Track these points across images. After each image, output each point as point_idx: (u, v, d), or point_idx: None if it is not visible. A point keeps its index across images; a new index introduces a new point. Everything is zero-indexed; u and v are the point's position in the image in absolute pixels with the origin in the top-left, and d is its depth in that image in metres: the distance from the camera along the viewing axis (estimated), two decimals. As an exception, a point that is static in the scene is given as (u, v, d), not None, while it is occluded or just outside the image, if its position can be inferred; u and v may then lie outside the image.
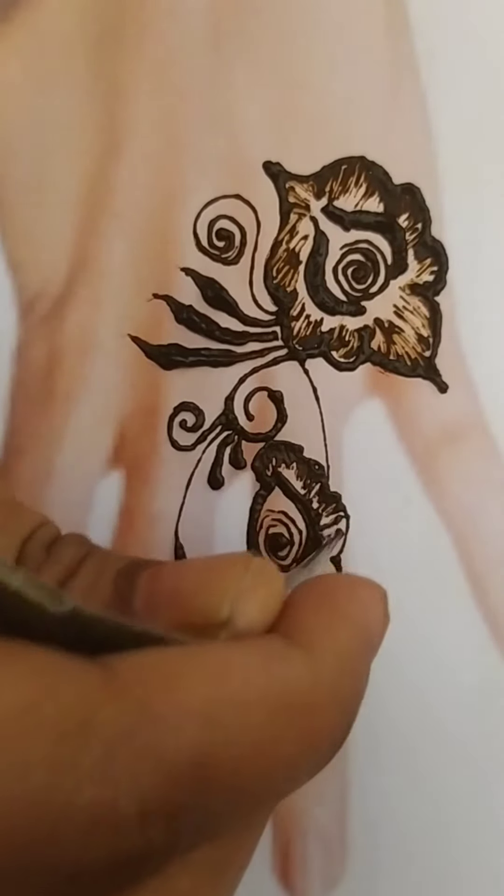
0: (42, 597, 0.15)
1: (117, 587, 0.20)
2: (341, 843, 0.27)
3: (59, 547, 0.23)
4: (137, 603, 0.20)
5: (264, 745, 0.16)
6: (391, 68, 0.27)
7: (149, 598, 0.20)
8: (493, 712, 0.26)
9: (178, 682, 0.16)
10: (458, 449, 0.27)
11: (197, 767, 0.15)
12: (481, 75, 0.27)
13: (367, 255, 0.27)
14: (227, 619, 0.19)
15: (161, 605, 0.19)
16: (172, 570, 0.20)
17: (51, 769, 0.14)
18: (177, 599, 0.19)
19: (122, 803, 0.14)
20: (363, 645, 0.19)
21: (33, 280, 0.28)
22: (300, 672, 0.18)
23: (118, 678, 0.15)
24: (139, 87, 0.27)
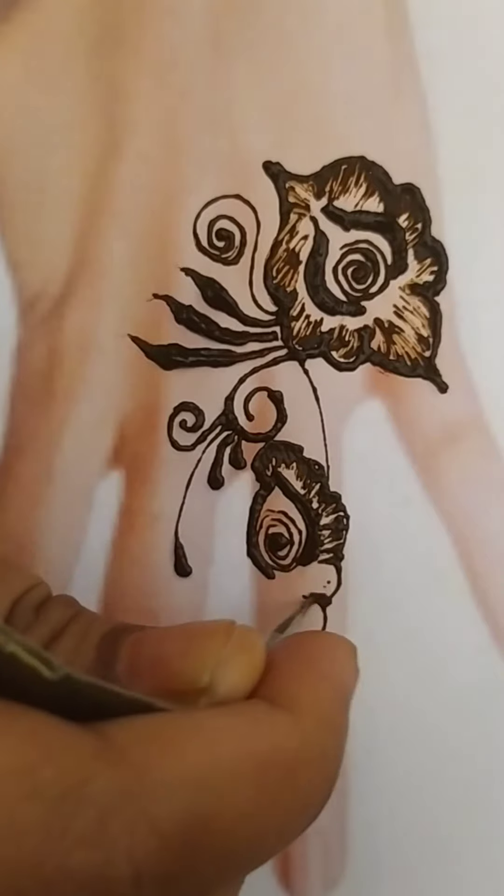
0: (36, 662, 0.15)
1: (100, 652, 0.21)
2: (341, 843, 0.27)
3: (47, 608, 0.23)
4: (120, 668, 0.20)
5: (256, 809, 0.17)
6: (391, 68, 0.27)
7: (131, 664, 0.20)
8: (492, 712, 0.26)
9: (171, 749, 0.16)
10: (458, 449, 0.27)
11: (190, 833, 0.15)
12: (481, 75, 0.27)
13: (367, 255, 0.27)
14: (207, 685, 0.19)
15: (143, 670, 0.20)
16: (155, 635, 0.20)
17: (45, 833, 0.14)
18: (158, 666, 0.19)
19: (116, 869, 0.14)
20: (341, 702, 0.20)
21: (33, 280, 0.28)
22: (287, 735, 0.18)
23: (112, 745, 0.16)
24: (139, 87, 0.27)
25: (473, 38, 0.27)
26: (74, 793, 0.14)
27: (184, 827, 0.15)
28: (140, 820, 0.15)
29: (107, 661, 0.20)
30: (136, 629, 0.21)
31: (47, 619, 0.22)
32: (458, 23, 0.27)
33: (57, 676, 0.15)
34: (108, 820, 0.15)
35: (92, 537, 0.27)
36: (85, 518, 0.27)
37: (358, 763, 0.27)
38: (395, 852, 0.27)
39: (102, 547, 0.27)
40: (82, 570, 0.27)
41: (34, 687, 0.15)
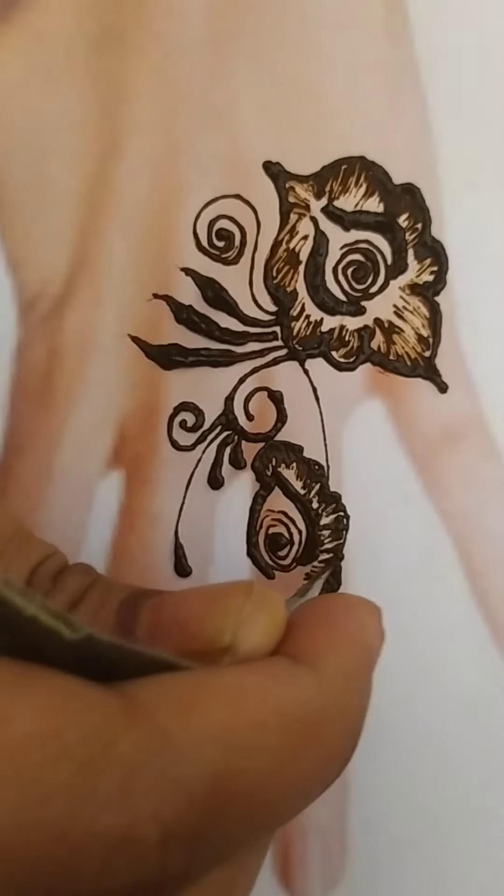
0: (57, 623, 0.15)
1: (120, 617, 0.21)
2: (341, 843, 0.27)
3: (65, 576, 0.23)
4: (140, 632, 0.20)
5: (280, 766, 0.17)
6: (391, 68, 0.27)
7: (151, 627, 0.20)
8: (492, 712, 0.26)
9: (195, 708, 0.16)
10: (458, 449, 0.27)
11: (216, 792, 0.15)
12: (481, 75, 0.27)
13: (367, 255, 0.27)
14: (229, 644, 0.19)
15: (163, 633, 0.19)
16: (174, 599, 0.20)
17: (70, 797, 0.14)
18: (179, 627, 0.19)
19: (143, 830, 0.14)
20: (364, 661, 0.20)
21: (33, 280, 0.28)
22: (310, 691, 0.18)
23: (137, 705, 0.15)
24: (139, 87, 0.27)
25: (473, 38, 0.27)
26: (100, 755, 0.14)
27: (209, 786, 0.15)
28: (165, 780, 0.15)
29: (127, 625, 0.20)
30: (155, 594, 0.21)
31: (65, 587, 0.22)
32: (458, 23, 0.27)
33: (78, 637, 0.15)
34: (134, 781, 0.14)
35: (92, 537, 0.27)
36: (85, 518, 0.27)
37: (358, 763, 0.27)
38: (395, 852, 0.27)
39: (102, 547, 0.27)
40: (82, 570, 0.27)
41: (56, 649, 0.15)
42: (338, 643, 0.20)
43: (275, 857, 0.27)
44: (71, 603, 0.22)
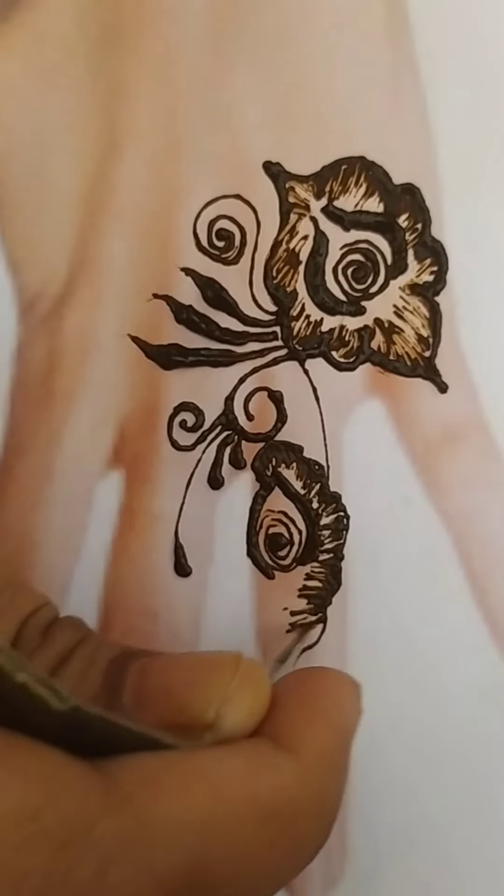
0: (46, 693, 0.15)
1: (107, 678, 0.20)
2: (341, 843, 0.27)
3: (54, 630, 0.22)
4: (126, 696, 0.20)
5: (256, 854, 0.17)
6: (391, 68, 0.27)
7: (137, 693, 0.20)
8: (492, 712, 0.26)
9: (175, 794, 0.16)
10: (458, 449, 0.27)
11: (191, 881, 0.15)
12: (481, 75, 0.27)
13: (367, 255, 0.27)
14: (212, 721, 0.19)
15: (149, 701, 0.19)
16: (161, 665, 0.20)
17: (45, 880, 0.14)
18: (164, 697, 0.19)
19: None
20: (342, 742, 0.20)
21: (33, 280, 0.28)
22: (288, 778, 0.18)
23: (117, 788, 0.15)
24: (139, 87, 0.27)
25: (473, 38, 0.27)
26: (77, 839, 0.14)
27: (186, 875, 0.15)
28: (142, 868, 0.15)
29: (114, 687, 0.20)
30: (144, 654, 0.21)
31: (54, 643, 0.22)
32: (458, 23, 0.27)
33: (66, 707, 0.15)
34: (110, 868, 0.14)
35: (92, 537, 0.27)
36: (85, 518, 0.27)
37: (358, 763, 0.27)
38: (395, 852, 0.27)
39: (102, 547, 0.27)
40: (82, 570, 0.27)
41: (41, 717, 0.15)
42: (319, 726, 0.20)
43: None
44: (59, 660, 0.22)
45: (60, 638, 0.22)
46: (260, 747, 0.19)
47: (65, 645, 0.22)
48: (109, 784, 0.15)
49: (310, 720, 0.20)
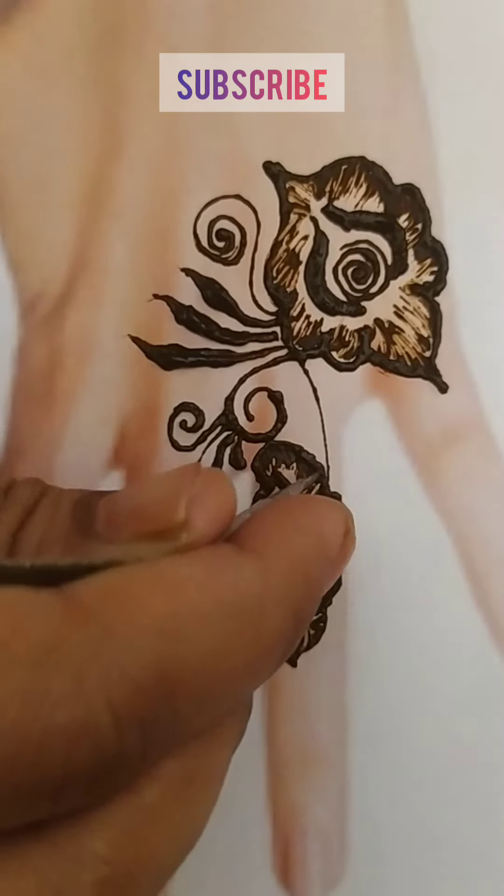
0: None
1: (76, 516, 0.21)
2: (341, 843, 0.27)
3: (15, 489, 0.23)
4: (99, 526, 0.20)
5: (220, 650, 0.18)
6: (391, 68, 0.27)
7: (109, 519, 0.20)
8: (493, 713, 0.26)
9: (134, 602, 0.17)
10: (458, 449, 0.27)
11: (161, 678, 0.17)
12: (481, 75, 0.27)
13: (368, 256, 0.27)
14: (184, 520, 0.20)
15: (121, 522, 0.20)
16: (128, 490, 0.21)
17: (26, 699, 0.15)
18: (136, 514, 0.20)
19: (98, 718, 0.16)
20: (316, 552, 0.21)
21: (34, 280, 0.28)
22: (249, 577, 0.19)
23: (80, 605, 0.17)
24: (139, 87, 0.27)
25: (473, 38, 0.27)
26: (48, 658, 0.16)
27: (154, 672, 0.16)
28: (113, 670, 0.16)
29: (84, 523, 0.21)
30: (107, 492, 0.22)
31: (17, 499, 0.23)
32: (458, 23, 0.27)
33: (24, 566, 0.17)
34: (84, 676, 0.16)
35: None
36: (85, 518, 0.27)
37: (358, 763, 0.27)
38: (395, 851, 0.27)
39: (103, 547, 0.27)
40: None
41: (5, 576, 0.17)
42: (289, 532, 0.20)
43: (275, 857, 0.27)
44: (24, 513, 0.22)
45: (22, 494, 0.23)
46: (220, 550, 0.19)
47: (27, 498, 0.23)
48: (71, 602, 0.17)
49: (279, 527, 0.20)
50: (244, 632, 0.18)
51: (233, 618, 0.18)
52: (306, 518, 0.21)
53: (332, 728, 0.27)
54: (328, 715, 0.27)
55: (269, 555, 0.19)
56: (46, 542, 0.21)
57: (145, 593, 0.17)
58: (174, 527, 0.20)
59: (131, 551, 0.19)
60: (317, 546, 0.21)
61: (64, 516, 0.22)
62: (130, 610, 0.17)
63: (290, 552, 0.20)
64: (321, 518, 0.21)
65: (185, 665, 0.17)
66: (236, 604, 0.18)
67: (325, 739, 0.27)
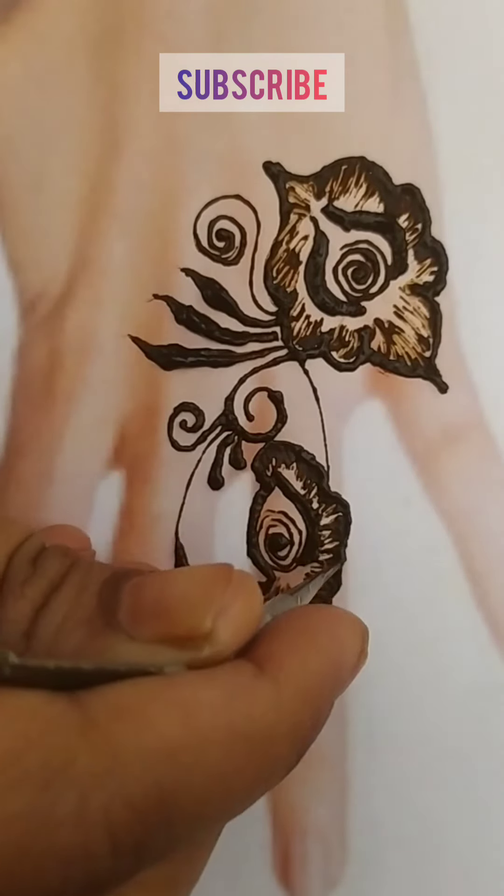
0: None
1: (102, 599, 0.21)
2: (341, 843, 0.27)
3: (43, 559, 0.22)
4: (122, 615, 0.20)
5: (224, 778, 0.18)
6: (391, 68, 0.27)
7: (133, 611, 0.20)
8: (493, 713, 0.26)
9: (148, 724, 0.17)
10: (458, 449, 0.27)
11: (163, 805, 0.17)
12: (481, 75, 0.27)
13: (367, 256, 0.27)
14: (209, 631, 0.19)
15: (145, 617, 0.20)
16: (155, 581, 0.20)
17: (31, 819, 0.15)
18: (161, 612, 0.20)
19: (96, 841, 0.16)
20: (331, 680, 0.20)
21: (34, 281, 0.28)
22: (264, 707, 0.19)
23: (93, 722, 0.17)
24: (139, 87, 0.27)
25: (473, 38, 0.27)
26: (58, 777, 0.15)
27: (156, 799, 0.16)
28: (116, 797, 0.16)
29: (109, 608, 0.20)
30: (136, 573, 0.21)
31: (45, 572, 0.22)
32: (458, 23, 0.27)
33: (9, 671, 0.16)
34: (88, 801, 0.16)
35: (93, 537, 0.27)
36: (86, 518, 0.27)
37: (358, 763, 0.27)
38: (395, 852, 0.27)
39: (103, 547, 0.27)
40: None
41: None
42: (306, 656, 0.20)
43: (275, 857, 0.27)
44: (50, 588, 0.22)
45: (50, 566, 0.22)
46: (239, 674, 0.19)
47: (55, 572, 0.22)
48: (85, 719, 0.17)
49: (298, 648, 0.20)
50: (250, 761, 0.18)
51: (242, 747, 0.18)
52: (326, 642, 0.21)
53: (332, 728, 0.27)
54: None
55: (284, 681, 0.19)
56: (69, 623, 0.20)
57: (159, 714, 0.17)
58: (198, 636, 0.19)
59: (153, 656, 0.19)
60: (333, 673, 0.20)
61: (90, 597, 0.21)
62: (142, 733, 0.17)
63: (306, 680, 0.20)
64: (339, 642, 0.21)
65: (188, 792, 0.17)
66: (247, 733, 0.18)
67: (325, 739, 0.27)
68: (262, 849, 0.27)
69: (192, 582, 0.20)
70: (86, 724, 0.16)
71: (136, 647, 0.19)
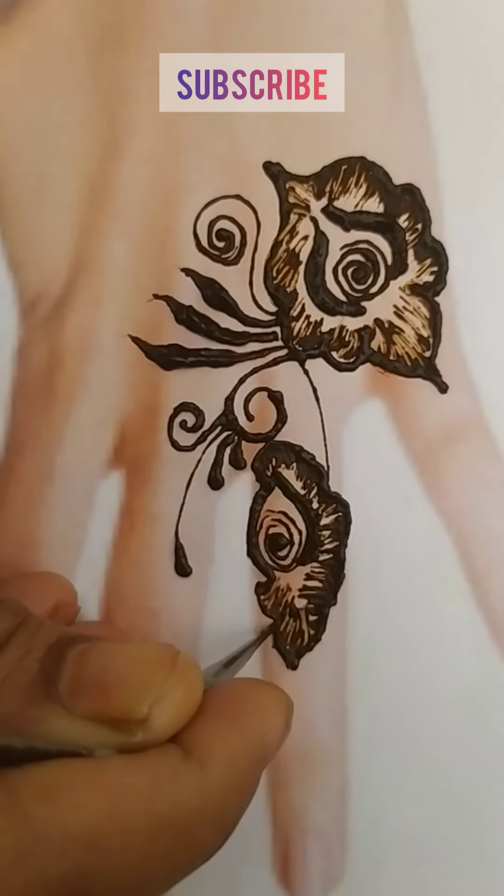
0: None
1: (43, 666, 0.20)
2: (341, 843, 0.27)
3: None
4: (62, 686, 0.20)
5: (146, 864, 0.18)
6: (391, 69, 0.27)
7: (73, 683, 0.20)
8: (493, 713, 0.26)
9: (72, 807, 0.17)
10: (458, 449, 0.27)
11: (82, 887, 0.17)
12: (481, 75, 0.27)
13: (368, 256, 0.27)
14: (145, 717, 0.19)
15: (84, 692, 0.20)
16: (99, 655, 0.20)
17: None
18: (99, 691, 0.20)
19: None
20: (256, 760, 0.20)
21: (34, 281, 0.28)
22: (190, 794, 0.19)
23: (17, 802, 0.17)
24: (139, 87, 0.27)
25: (473, 38, 0.27)
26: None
27: (75, 883, 0.17)
28: (35, 878, 0.16)
29: (49, 677, 0.20)
30: (82, 640, 0.21)
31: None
32: (458, 23, 0.27)
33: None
34: (6, 879, 0.16)
35: (92, 537, 0.27)
36: (85, 518, 0.27)
37: (358, 763, 0.27)
38: (395, 852, 0.27)
39: (103, 547, 0.27)
40: (83, 569, 0.27)
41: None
42: (232, 739, 0.20)
43: (275, 857, 0.27)
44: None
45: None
46: (167, 758, 0.19)
47: (2, 630, 0.22)
48: (9, 798, 0.17)
49: (224, 732, 0.20)
50: (174, 847, 0.18)
51: (166, 834, 0.18)
52: (249, 721, 0.21)
53: (332, 728, 0.27)
54: (328, 715, 0.27)
55: (210, 766, 0.19)
56: (7, 685, 0.20)
57: (83, 799, 0.17)
58: (133, 720, 0.19)
59: (85, 734, 0.19)
60: (257, 753, 0.20)
61: (33, 662, 0.21)
62: (65, 816, 0.17)
63: (233, 764, 0.20)
64: (264, 721, 0.21)
65: (109, 876, 0.17)
66: (172, 820, 0.18)
67: (325, 739, 0.27)
68: (262, 849, 0.27)
69: (135, 663, 0.20)
70: (9, 804, 0.17)
71: (70, 723, 0.19)
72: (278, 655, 0.27)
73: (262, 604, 0.27)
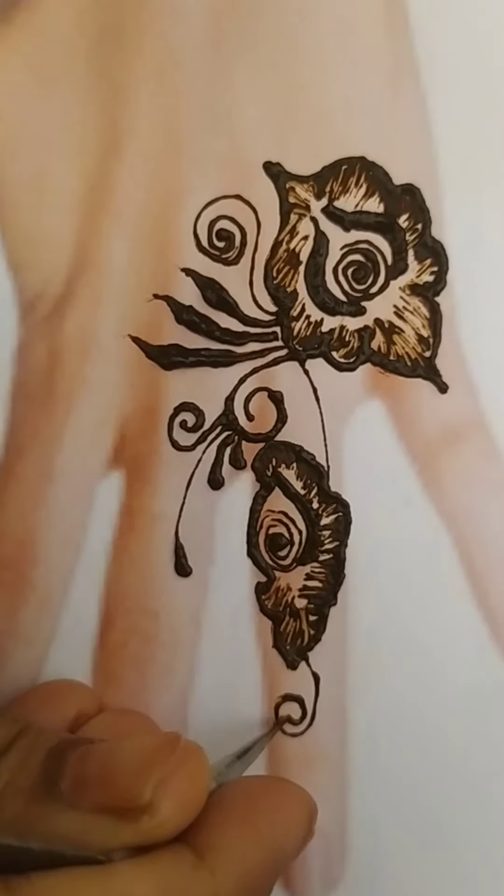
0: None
1: (45, 768, 0.20)
2: (341, 843, 0.27)
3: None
4: (65, 784, 0.20)
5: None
6: (391, 69, 0.27)
7: (76, 780, 0.20)
8: (493, 713, 0.26)
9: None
10: (458, 449, 0.27)
11: None
12: (481, 75, 0.27)
13: (368, 256, 0.27)
14: (149, 802, 0.19)
15: (87, 787, 0.19)
16: (100, 751, 0.20)
17: None
18: (102, 783, 0.19)
19: None
20: (271, 865, 0.20)
21: (34, 280, 0.28)
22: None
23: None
24: (139, 87, 0.27)
25: (473, 38, 0.27)
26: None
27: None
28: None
29: (51, 777, 0.20)
30: (83, 742, 0.21)
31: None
32: (458, 23, 0.27)
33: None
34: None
35: (92, 537, 0.27)
36: (85, 518, 0.27)
37: (358, 763, 0.27)
38: (395, 852, 0.27)
39: (103, 547, 0.27)
40: (83, 569, 0.27)
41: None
42: (248, 846, 0.20)
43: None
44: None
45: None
46: (178, 863, 0.19)
47: (3, 737, 0.22)
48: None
49: (239, 836, 0.20)
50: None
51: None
52: (267, 827, 0.20)
53: (332, 728, 0.27)
54: (328, 715, 0.27)
55: (223, 874, 0.19)
56: (10, 789, 0.20)
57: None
58: (137, 806, 0.19)
59: (90, 829, 0.19)
60: (274, 860, 0.20)
61: (34, 765, 0.21)
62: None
63: (246, 872, 0.19)
64: (283, 827, 0.21)
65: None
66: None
67: (325, 739, 0.27)
68: (262, 849, 0.27)
69: (136, 751, 0.20)
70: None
71: (74, 816, 0.19)
72: (278, 655, 0.27)
73: (262, 604, 0.27)
